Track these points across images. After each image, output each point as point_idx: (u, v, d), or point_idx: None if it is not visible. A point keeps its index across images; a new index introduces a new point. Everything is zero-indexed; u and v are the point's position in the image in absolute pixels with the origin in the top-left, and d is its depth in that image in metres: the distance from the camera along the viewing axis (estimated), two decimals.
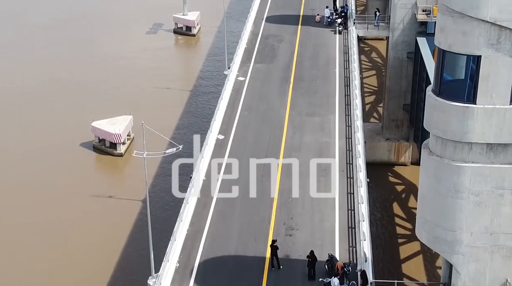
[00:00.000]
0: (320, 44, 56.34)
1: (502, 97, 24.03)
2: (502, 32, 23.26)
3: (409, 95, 59.33)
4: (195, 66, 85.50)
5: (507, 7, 22.81)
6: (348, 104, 46.15)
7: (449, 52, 24.28)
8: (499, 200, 25.09)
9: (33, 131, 67.57)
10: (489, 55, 23.61)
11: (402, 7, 56.66)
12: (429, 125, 25.46)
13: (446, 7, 23.84)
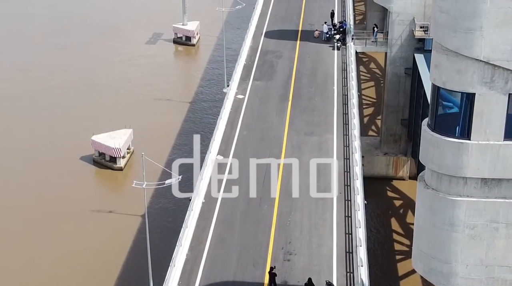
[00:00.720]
0: (319, 61, 56.74)
1: (496, 133, 24.40)
2: (496, 71, 23.64)
3: (407, 110, 59.84)
4: (195, 77, 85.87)
5: (500, 46, 23.18)
6: (346, 123, 46.56)
7: (444, 89, 24.70)
8: (494, 233, 25.47)
9: (33, 144, 67.99)
10: (483, 93, 23.99)
11: (400, 23, 57.16)
12: (425, 159, 25.84)
13: (441, 46, 24.21)
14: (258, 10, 67.75)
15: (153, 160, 64.98)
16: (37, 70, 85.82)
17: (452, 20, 23.57)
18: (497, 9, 22.85)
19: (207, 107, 75.07)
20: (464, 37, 23.45)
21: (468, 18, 23.23)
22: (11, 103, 76.62)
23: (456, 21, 23.47)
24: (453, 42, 23.76)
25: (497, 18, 22.96)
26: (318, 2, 70.89)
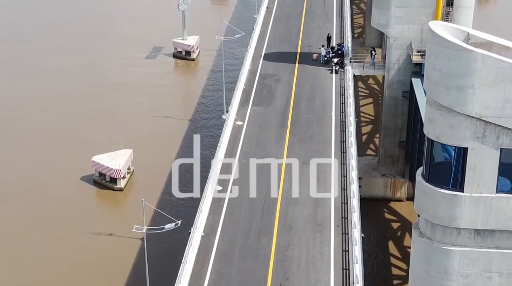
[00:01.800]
0: (317, 85, 57.29)
1: (488, 186, 25.04)
2: (487, 127, 24.27)
3: (405, 132, 60.39)
4: (194, 93, 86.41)
5: (492, 104, 23.81)
6: (344, 152, 47.08)
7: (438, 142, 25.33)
8: (487, 282, 26.11)
9: (34, 163, 68.58)
10: (475, 148, 24.62)
11: (398, 47, 57.76)
12: (419, 208, 26.46)
13: (434, 101, 24.83)
14: (257, 31, 68.29)
15: (153, 179, 66.21)
16: (37, 88, 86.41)
17: (445, 78, 24.20)
18: (488, 68, 23.50)
19: (207, 125, 75.61)
20: (456, 94, 24.08)
21: (460, 77, 23.86)
22: (12, 121, 77.33)
23: (449, 79, 24.11)
24: (446, 98, 24.38)
25: (489, 77, 23.59)
26: (316, 22, 71.48)
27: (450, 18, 56.07)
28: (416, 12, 56.57)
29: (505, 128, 24.08)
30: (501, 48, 24.85)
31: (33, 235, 57.44)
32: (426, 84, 25.26)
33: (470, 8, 56.59)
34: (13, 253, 55.04)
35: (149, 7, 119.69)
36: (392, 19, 56.97)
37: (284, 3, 77.93)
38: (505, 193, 24.96)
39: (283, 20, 72.61)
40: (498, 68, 23.41)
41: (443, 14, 55.90)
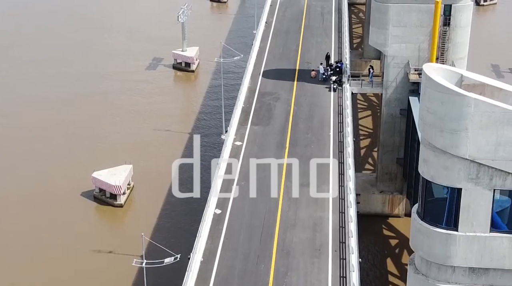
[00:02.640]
0: (315, 103, 57.76)
1: (482, 226, 25.52)
2: (481, 168, 24.75)
3: (402, 149, 60.83)
4: (194, 106, 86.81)
5: (485, 147, 24.30)
6: (342, 174, 47.55)
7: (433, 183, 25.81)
8: None
9: (34, 178, 68.99)
10: (469, 188, 25.10)
11: (395, 66, 58.28)
12: (415, 246, 26.94)
13: (429, 143, 25.31)
14: (256, 47, 68.75)
15: (153, 195, 66.67)
16: (34, 101, 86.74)
17: (439, 121, 24.68)
18: (481, 113, 23.98)
19: (206, 140, 76.00)
20: (450, 137, 24.56)
21: (454, 120, 24.35)
22: (12, 137, 77.74)
23: (442, 122, 24.59)
24: (440, 141, 24.87)
25: (481, 121, 24.08)
26: (315, 37, 71.95)
27: (447, 37, 56.58)
28: (413, 32, 57.09)
29: (498, 170, 24.57)
30: (494, 90, 25.35)
31: (31, 250, 57.93)
32: (420, 125, 25.74)
33: (467, 27, 57.07)
34: (10, 269, 55.50)
35: (149, 18, 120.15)
36: (390, 38, 57.47)
37: (283, 17, 78.42)
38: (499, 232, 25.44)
39: (282, 35, 73.08)
40: (491, 112, 23.90)
41: (440, 34, 56.37)
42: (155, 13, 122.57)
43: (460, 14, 56.22)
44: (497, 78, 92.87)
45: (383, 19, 57.36)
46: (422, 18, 56.60)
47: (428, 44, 56.97)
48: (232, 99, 67.11)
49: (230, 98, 74.76)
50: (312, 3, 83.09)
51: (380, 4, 57.30)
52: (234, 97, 67.70)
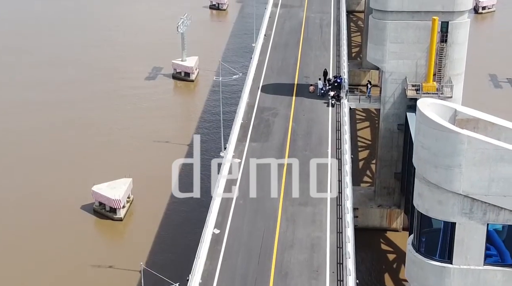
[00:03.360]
0: (314, 119, 58.11)
1: (476, 259, 25.94)
2: (474, 203, 25.18)
3: (400, 164, 61.22)
4: (193, 116, 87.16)
5: (478, 182, 24.72)
6: (340, 192, 47.92)
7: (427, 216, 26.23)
8: None
9: (34, 191, 69.39)
10: (463, 222, 25.53)
11: (393, 82, 58.68)
12: (410, 277, 27.36)
13: (423, 177, 25.71)
14: (255, 61, 69.15)
15: (153, 208, 67.05)
16: (34, 112, 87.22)
17: (433, 157, 25.10)
18: (474, 149, 24.40)
19: (205, 157, 76.29)
20: (444, 173, 24.98)
21: (448, 157, 24.77)
22: (13, 149, 78.11)
23: (436, 158, 25.01)
24: (434, 176, 25.29)
25: (475, 158, 24.50)
26: (314, 51, 72.34)
27: (444, 54, 56.95)
28: (410, 48, 57.49)
29: (491, 205, 24.97)
30: (487, 125, 25.76)
31: (30, 264, 58.34)
32: (415, 160, 26.14)
33: (464, 43, 57.44)
34: (8, 282, 55.88)
35: (149, 26, 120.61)
36: (387, 55, 57.87)
37: (282, 30, 78.84)
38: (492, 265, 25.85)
39: (281, 48, 73.47)
40: (484, 149, 24.32)
41: (437, 50, 56.76)
42: (155, 22, 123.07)
43: (457, 31, 56.59)
44: (495, 89, 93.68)
45: (380, 35, 57.75)
46: (420, 34, 57.00)
47: (425, 60, 57.36)
48: (231, 114, 67.43)
49: (229, 113, 75.01)
50: (311, 15, 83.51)
51: (378, 20, 57.69)
52: (233, 111, 67.99)
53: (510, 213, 24.88)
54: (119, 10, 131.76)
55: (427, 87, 57.16)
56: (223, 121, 70.30)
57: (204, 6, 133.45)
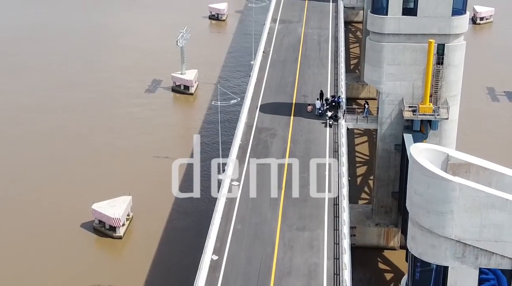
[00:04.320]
0: (311, 140, 58.61)
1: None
2: (467, 248, 25.73)
3: (397, 183, 61.76)
4: (193, 130, 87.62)
5: (470, 228, 25.27)
6: (336, 216, 48.44)
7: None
8: None
9: (35, 209, 69.87)
10: (455, 266, 26.06)
11: (390, 103, 59.26)
12: None
13: (416, 222, 26.26)
14: (253, 79, 69.68)
15: (152, 226, 67.52)
16: (31, 124, 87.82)
17: (425, 203, 25.65)
18: (466, 196, 24.95)
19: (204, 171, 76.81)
20: (436, 218, 25.54)
21: (440, 203, 25.32)
22: (12, 164, 78.61)
23: (429, 204, 25.56)
24: (426, 221, 25.83)
25: (466, 204, 25.04)
26: (312, 68, 72.89)
27: (440, 75, 57.52)
28: (407, 70, 58.09)
29: (483, 250, 25.49)
30: (479, 169, 26.29)
31: (30, 282, 58.79)
32: (408, 204, 26.67)
33: (459, 65, 58.02)
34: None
35: (149, 37, 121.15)
36: (384, 76, 58.50)
37: (280, 47, 79.39)
38: None
39: (279, 66, 74.00)
40: (475, 196, 24.84)
41: (434, 72, 57.31)
42: (155, 33, 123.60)
43: (453, 53, 57.18)
44: (492, 102, 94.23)
45: (377, 57, 58.34)
46: (416, 56, 57.61)
47: (422, 82, 57.96)
48: (231, 130, 67.83)
49: (228, 131, 75.42)
50: (309, 31, 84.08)
51: (375, 43, 58.27)
52: (233, 127, 68.40)
53: (502, 258, 25.43)
54: (118, 21, 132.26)
55: (423, 108, 57.71)
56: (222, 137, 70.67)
57: (203, 16, 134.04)
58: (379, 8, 57.34)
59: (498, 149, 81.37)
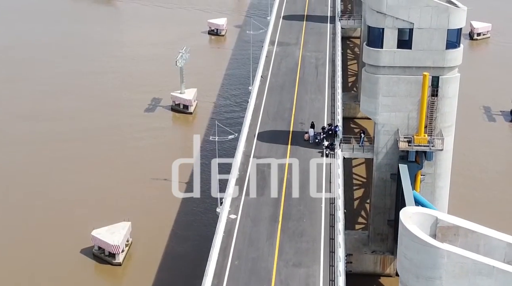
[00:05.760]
0: (308, 171, 59.29)
1: None
2: None
3: (393, 212, 62.57)
4: (192, 152, 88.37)
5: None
6: (332, 252, 49.22)
7: None
8: None
9: (34, 235, 70.61)
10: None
11: (385, 133, 60.08)
12: None
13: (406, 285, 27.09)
14: (251, 105, 70.43)
15: (151, 252, 68.31)
16: (28, 146, 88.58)
17: (415, 268, 26.47)
18: (454, 263, 25.76)
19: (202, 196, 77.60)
20: (425, 283, 26.37)
21: (429, 269, 26.14)
22: (14, 193, 79.33)
23: (418, 269, 26.37)
24: (416, 285, 26.64)
25: (454, 271, 25.85)
26: (309, 94, 73.65)
27: (435, 107, 58.33)
28: (402, 101, 58.92)
29: None
30: (467, 232, 27.10)
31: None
32: (399, 268, 27.49)
33: (454, 97, 58.85)
34: None
35: (149, 54, 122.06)
36: (380, 107, 59.33)
37: (278, 70, 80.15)
38: None
39: (277, 91, 74.73)
40: (463, 263, 25.64)
41: (428, 104, 58.12)
42: (155, 48, 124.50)
43: (447, 86, 58.03)
44: (488, 122, 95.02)
45: (373, 89, 59.18)
46: (411, 88, 58.46)
47: (417, 113, 58.79)
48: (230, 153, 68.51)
49: (228, 151, 76.15)
50: (307, 53, 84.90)
51: (370, 75, 59.11)
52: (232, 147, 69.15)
53: None
54: (116, 37, 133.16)
55: (418, 139, 58.53)
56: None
57: (202, 31, 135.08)
58: (374, 41, 58.13)
59: (493, 173, 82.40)
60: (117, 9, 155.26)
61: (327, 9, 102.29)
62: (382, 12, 56.74)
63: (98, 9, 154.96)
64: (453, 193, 64.67)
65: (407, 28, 57.04)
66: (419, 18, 56.32)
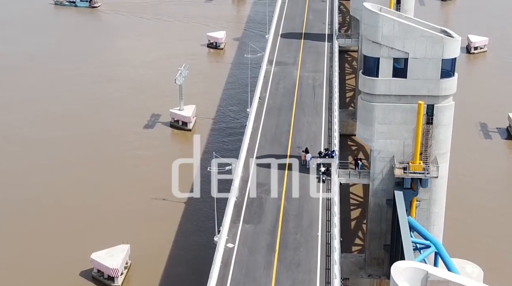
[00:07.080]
0: (305, 198, 59.97)
1: None
2: None
3: (389, 236, 63.27)
4: (190, 171, 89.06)
5: None
6: (328, 282, 49.89)
7: None
8: None
9: (34, 257, 71.36)
10: None
11: (381, 160, 60.80)
12: None
13: None
14: (249, 128, 71.12)
15: (150, 275, 69.07)
16: (30, 172, 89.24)
17: None
18: None
19: (201, 210, 78.42)
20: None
21: None
22: (10, 211, 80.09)
23: None
24: None
25: None
26: (306, 117, 74.32)
27: (430, 134, 59.08)
28: (398, 129, 59.65)
29: None
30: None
31: None
32: None
33: (448, 125, 59.59)
34: None
35: (148, 72, 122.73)
36: (376, 134, 60.06)
37: (276, 92, 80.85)
38: None
39: (274, 113, 75.38)
40: None
41: (424, 131, 58.87)
42: (154, 63, 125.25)
43: (442, 114, 58.76)
44: (485, 139, 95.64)
45: (369, 116, 59.91)
46: (406, 116, 59.19)
47: (412, 140, 59.51)
48: None
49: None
50: (304, 74, 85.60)
51: (366, 102, 59.85)
52: None
53: None
54: (115, 51, 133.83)
55: (413, 167, 59.25)
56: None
57: (201, 44, 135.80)
58: (370, 69, 58.90)
59: (489, 193, 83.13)
60: (117, 22, 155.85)
61: (325, 27, 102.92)
62: (377, 42, 57.50)
63: (95, 22, 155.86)
64: (448, 217, 65.35)
65: (403, 58, 57.81)
66: (414, 48, 57.09)
